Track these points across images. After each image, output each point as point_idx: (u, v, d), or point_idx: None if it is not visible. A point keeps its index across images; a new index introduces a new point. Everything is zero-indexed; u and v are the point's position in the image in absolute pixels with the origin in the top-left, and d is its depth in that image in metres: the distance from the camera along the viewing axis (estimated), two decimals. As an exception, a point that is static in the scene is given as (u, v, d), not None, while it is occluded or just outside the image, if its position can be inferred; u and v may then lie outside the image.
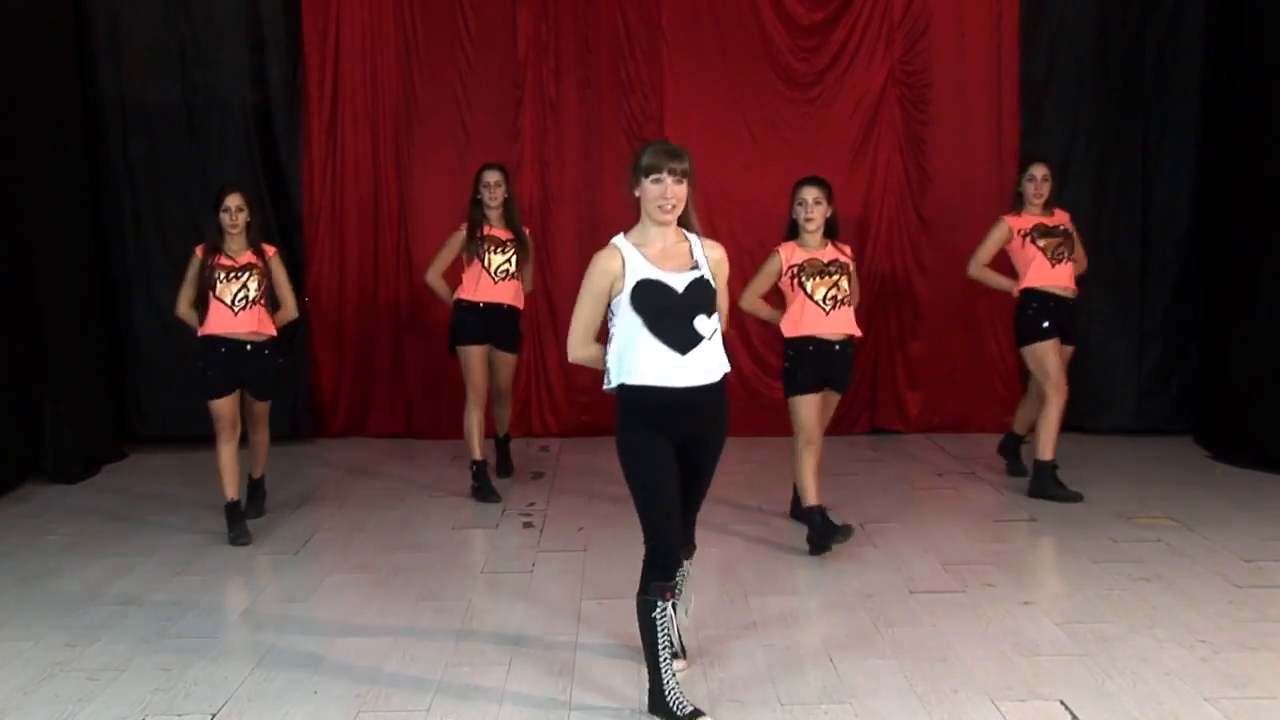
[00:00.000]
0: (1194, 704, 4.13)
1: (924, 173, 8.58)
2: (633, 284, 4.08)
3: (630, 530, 6.21)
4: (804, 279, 5.99)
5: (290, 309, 6.49)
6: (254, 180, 8.17)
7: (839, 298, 5.99)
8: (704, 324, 4.12)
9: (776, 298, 6.20)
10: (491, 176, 6.99)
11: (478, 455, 6.99)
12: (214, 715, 4.15)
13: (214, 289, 6.18)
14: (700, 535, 4.76)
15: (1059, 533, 6.25)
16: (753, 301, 6.17)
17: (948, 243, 8.28)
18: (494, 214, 6.99)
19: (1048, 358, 6.75)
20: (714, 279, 4.17)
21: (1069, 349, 6.99)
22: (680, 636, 4.45)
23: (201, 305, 6.23)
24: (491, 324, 6.98)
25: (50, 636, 4.88)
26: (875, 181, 8.55)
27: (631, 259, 4.10)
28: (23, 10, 7.31)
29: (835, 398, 6.22)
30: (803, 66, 8.53)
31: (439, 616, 5.07)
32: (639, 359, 4.08)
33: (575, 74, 8.54)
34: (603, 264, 4.11)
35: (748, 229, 8.08)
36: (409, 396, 8.68)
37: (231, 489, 6.26)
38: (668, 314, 4.08)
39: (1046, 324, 6.75)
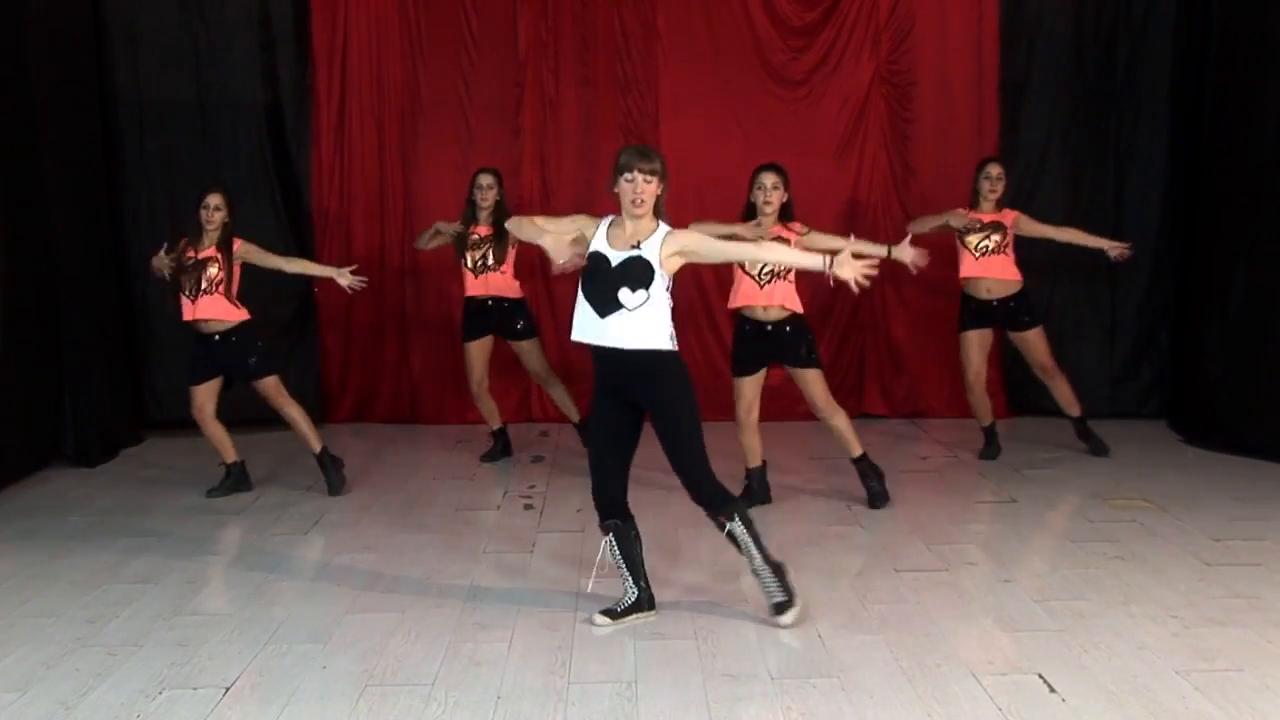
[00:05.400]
0: (1166, 677, 4.13)
1: (908, 167, 8.57)
2: (589, 253, 4.57)
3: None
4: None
5: (296, 263, 6.81)
6: (265, 176, 8.19)
7: (775, 272, 6.15)
8: (628, 296, 4.46)
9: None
10: (484, 179, 7.32)
11: (494, 426, 7.55)
12: (227, 689, 4.15)
13: (181, 279, 6.51)
14: (691, 518, 4.91)
15: (1038, 513, 6.26)
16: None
17: (930, 234, 8.25)
18: (484, 214, 7.29)
19: (965, 350, 7.26)
20: (660, 263, 4.47)
21: (1030, 335, 7.20)
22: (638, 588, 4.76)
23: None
24: (490, 319, 7.30)
25: (71, 613, 4.88)
26: (861, 176, 8.57)
27: (600, 233, 4.58)
28: (43, 13, 7.28)
29: (801, 373, 6.25)
30: (793, 65, 8.52)
31: (443, 594, 5.07)
32: (576, 314, 4.57)
33: (574, 73, 8.53)
34: (586, 221, 4.65)
35: (739, 220, 8.05)
36: (413, 383, 8.67)
37: (228, 454, 6.71)
38: (597, 279, 4.50)
39: (967, 318, 7.25)
